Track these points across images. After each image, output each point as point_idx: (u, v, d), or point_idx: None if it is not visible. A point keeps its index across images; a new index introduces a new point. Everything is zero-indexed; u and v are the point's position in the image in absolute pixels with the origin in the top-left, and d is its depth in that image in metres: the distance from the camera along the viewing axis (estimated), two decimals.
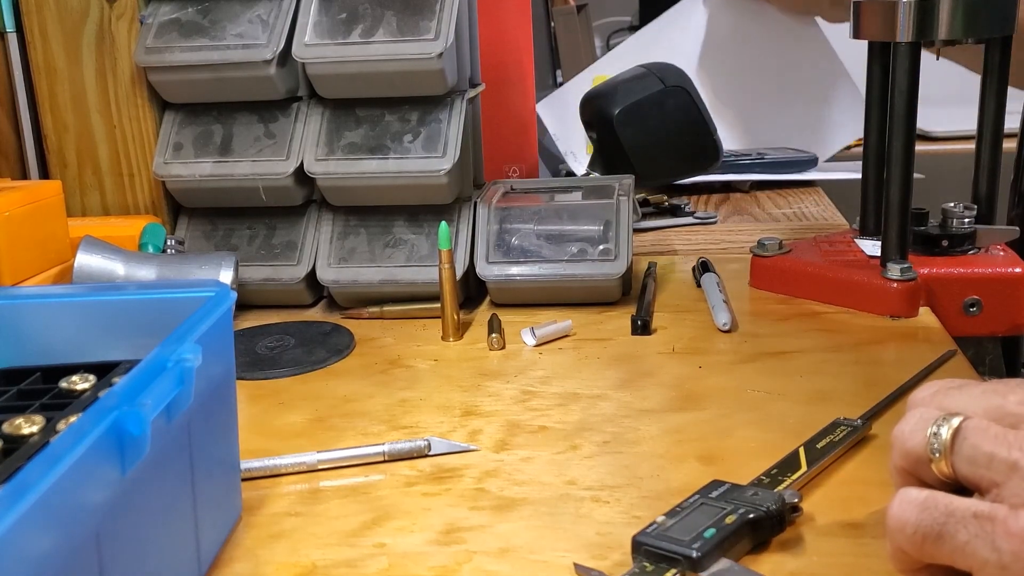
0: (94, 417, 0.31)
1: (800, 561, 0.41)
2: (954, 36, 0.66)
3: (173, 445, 0.38)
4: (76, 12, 0.76)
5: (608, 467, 0.50)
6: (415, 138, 0.73)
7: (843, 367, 0.61)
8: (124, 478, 0.32)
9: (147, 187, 0.79)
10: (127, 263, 0.66)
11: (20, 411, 0.38)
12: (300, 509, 0.47)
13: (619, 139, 0.98)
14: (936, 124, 1.46)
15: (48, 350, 0.44)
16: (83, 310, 0.45)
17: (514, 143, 0.99)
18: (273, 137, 0.76)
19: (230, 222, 0.78)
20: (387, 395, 0.60)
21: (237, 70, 0.73)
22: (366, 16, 0.73)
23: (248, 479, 0.49)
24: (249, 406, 0.59)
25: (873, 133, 0.76)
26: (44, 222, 0.65)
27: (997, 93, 0.72)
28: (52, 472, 0.27)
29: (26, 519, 0.26)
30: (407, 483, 0.49)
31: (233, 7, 0.76)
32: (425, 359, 0.66)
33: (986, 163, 0.73)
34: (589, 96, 1.04)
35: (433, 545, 0.43)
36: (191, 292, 0.43)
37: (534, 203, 0.78)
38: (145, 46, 0.75)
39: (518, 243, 0.74)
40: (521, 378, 0.62)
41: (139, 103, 0.77)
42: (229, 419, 0.45)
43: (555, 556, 0.42)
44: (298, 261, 0.75)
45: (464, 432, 0.54)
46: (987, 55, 0.72)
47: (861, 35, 0.71)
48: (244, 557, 0.43)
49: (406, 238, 0.75)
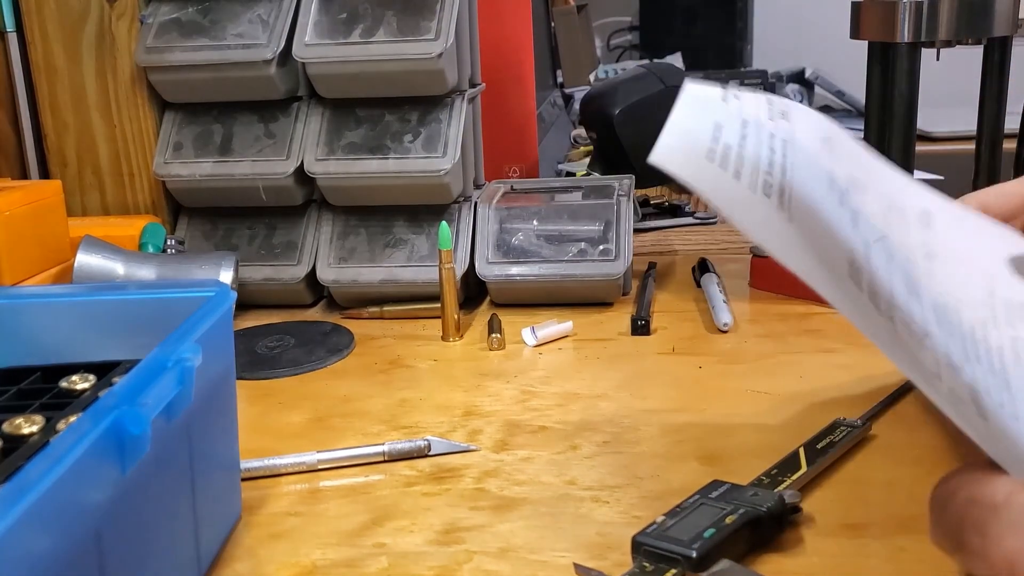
0: (94, 417, 0.30)
1: (800, 561, 0.40)
2: (954, 37, 0.66)
3: (173, 445, 0.38)
4: (76, 12, 0.76)
5: (608, 467, 0.50)
6: (415, 138, 0.73)
7: (843, 367, 0.61)
8: (124, 478, 0.32)
9: (147, 187, 0.79)
10: (127, 263, 0.66)
11: (20, 411, 0.38)
12: (300, 509, 0.47)
13: (619, 139, 0.98)
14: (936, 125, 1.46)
15: (48, 350, 0.44)
16: (83, 310, 0.44)
17: (514, 143, 0.99)
18: (273, 137, 0.76)
19: (230, 222, 0.78)
20: (387, 395, 0.60)
21: (237, 70, 0.73)
22: (366, 16, 0.73)
23: (248, 479, 0.49)
24: (249, 406, 0.59)
25: (873, 134, 0.76)
26: (44, 222, 0.65)
27: (997, 94, 0.72)
28: (52, 472, 0.27)
29: (26, 519, 0.26)
30: (407, 483, 0.49)
31: (233, 7, 0.76)
32: (425, 359, 0.66)
33: (986, 164, 0.73)
34: (589, 96, 1.04)
35: (433, 545, 0.43)
36: (191, 292, 0.43)
37: (534, 203, 0.78)
38: (145, 46, 0.75)
39: (518, 243, 0.74)
40: (521, 378, 0.62)
41: (139, 103, 0.77)
42: (229, 419, 0.45)
43: (555, 556, 0.42)
44: (298, 261, 0.75)
45: (464, 432, 0.54)
46: (987, 56, 0.72)
47: (861, 35, 0.71)
48: (244, 557, 0.43)
49: (406, 238, 0.75)
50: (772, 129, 0.37)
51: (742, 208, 0.33)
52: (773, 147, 0.35)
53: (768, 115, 0.38)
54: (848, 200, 0.37)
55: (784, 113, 0.39)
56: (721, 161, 0.33)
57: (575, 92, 1.53)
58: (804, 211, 0.34)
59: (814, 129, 0.40)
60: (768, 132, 0.36)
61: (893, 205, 0.41)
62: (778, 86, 1.83)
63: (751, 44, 2.02)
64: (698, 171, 0.33)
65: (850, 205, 0.36)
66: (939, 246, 0.41)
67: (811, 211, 0.34)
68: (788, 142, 0.36)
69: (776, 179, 0.34)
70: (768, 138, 0.36)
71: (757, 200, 0.33)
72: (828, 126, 0.42)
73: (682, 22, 2.00)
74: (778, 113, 0.39)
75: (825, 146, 0.39)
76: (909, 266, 0.36)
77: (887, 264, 0.35)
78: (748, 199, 0.33)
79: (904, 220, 0.41)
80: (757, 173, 0.34)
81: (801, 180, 0.35)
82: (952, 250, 0.41)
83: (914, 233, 0.41)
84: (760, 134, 0.36)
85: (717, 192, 0.33)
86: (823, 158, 0.38)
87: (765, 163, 0.34)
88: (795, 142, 0.37)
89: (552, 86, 1.43)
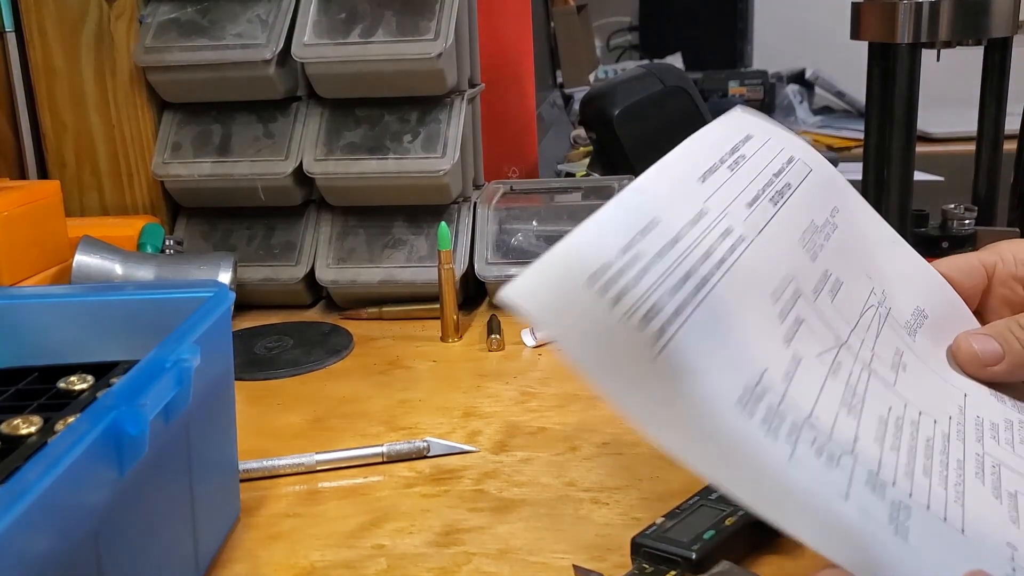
0: (92, 417, 0.30)
1: (799, 563, 0.40)
2: (954, 38, 0.66)
3: (171, 446, 0.38)
4: (75, 12, 0.76)
5: (607, 468, 0.49)
6: (414, 138, 0.73)
7: None
8: (122, 479, 0.32)
9: (146, 187, 0.78)
10: (125, 263, 0.66)
11: (18, 411, 0.38)
12: (299, 510, 0.47)
13: (619, 139, 0.98)
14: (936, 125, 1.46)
15: (46, 350, 0.43)
16: (81, 310, 0.44)
17: (514, 143, 0.99)
18: (272, 137, 0.75)
19: (229, 222, 0.78)
20: (386, 396, 0.60)
21: (236, 70, 0.73)
22: (365, 16, 0.73)
23: (247, 480, 0.49)
24: (248, 407, 0.59)
25: (873, 134, 0.75)
26: (42, 222, 0.65)
27: (997, 94, 0.72)
28: (50, 473, 0.27)
29: (24, 520, 0.26)
30: (406, 484, 0.49)
31: (232, 7, 0.75)
32: (424, 360, 0.66)
33: (986, 164, 0.73)
34: (589, 96, 1.04)
35: (432, 546, 0.43)
36: (190, 292, 0.43)
37: (534, 204, 0.78)
38: (144, 46, 0.75)
39: (518, 244, 0.74)
40: (520, 379, 0.61)
41: (138, 103, 0.77)
42: (228, 420, 0.45)
43: (554, 558, 0.42)
44: (297, 261, 0.75)
45: (463, 433, 0.54)
46: (987, 56, 0.72)
47: (861, 36, 0.71)
48: (242, 558, 0.43)
49: (405, 238, 0.75)
50: (729, 224, 0.35)
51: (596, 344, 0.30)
52: (711, 252, 0.34)
53: (751, 198, 0.38)
54: (799, 306, 0.36)
55: (781, 192, 0.39)
56: (606, 283, 0.30)
57: (575, 92, 1.53)
58: (704, 326, 0.31)
59: (808, 215, 0.40)
60: (720, 231, 0.35)
61: (880, 308, 0.41)
62: (778, 86, 1.83)
63: (751, 44, 2.02)
64: (554, 307, 0.30)
65: (798, 312, 0.36)
66: (914, 358, 0.41)
67: (723, 323, 0.32)
68: (744, 240, 0.35)
69: (677, 298, 0.31)
70: (710, 241, 0.34)
71: (620, 331, 0.30)
72: (827, 216, 0.42)
73: (682, 22, 2.00)
74: (775, 192, 0.39)
75: (805, 240, 0.39)
76: (862, 379, 0.37)
77: (830, 377, 0.35)
78: (610, 331, 0.30)
79: (890, 326, 0.41)
80: (655, 290, 0.31)
81: (732, 287, 0.33)
82: (929, 363, 0.42)
83: (893, 340, 0.41)
84: (708, 232, 0.34)
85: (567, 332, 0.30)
86: (787, 260, 0.37)
87: (678, 276, 0.32)
88: (758, 240, 0.36)
89: (552, 86, 1.43)
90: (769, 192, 0.39)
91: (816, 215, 0.41)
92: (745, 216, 0.36)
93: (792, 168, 0.41)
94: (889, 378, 0.38)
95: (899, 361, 0.40)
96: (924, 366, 0.41)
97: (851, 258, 0.42)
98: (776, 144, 0.41)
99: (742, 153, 0.39)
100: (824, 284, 0.39)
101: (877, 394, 0.37)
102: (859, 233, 0.43)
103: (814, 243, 0.40)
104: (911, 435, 0.36)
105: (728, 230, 0.35)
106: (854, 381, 0.36)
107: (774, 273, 0.36)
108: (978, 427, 0.39)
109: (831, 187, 0.43)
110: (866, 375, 0.37)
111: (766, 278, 0.36)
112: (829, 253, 0.40)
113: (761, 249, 0.36)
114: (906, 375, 0.40)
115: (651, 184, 0.34)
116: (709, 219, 0.35)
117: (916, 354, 0.41)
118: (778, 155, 0.41)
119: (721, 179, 0.37)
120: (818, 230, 0.40)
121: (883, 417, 0.36)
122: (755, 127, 0.41)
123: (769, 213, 0.38)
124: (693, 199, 0.35)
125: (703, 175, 0.37)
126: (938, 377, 0.42)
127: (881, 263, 0.43)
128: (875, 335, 0.40)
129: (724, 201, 0.36)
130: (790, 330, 0.35)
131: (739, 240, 0.35)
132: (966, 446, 0.37)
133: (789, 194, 0.39)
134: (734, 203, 0.36)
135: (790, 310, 0.36)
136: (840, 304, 0.39)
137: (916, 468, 0.34)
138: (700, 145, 0.38)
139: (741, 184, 0.38)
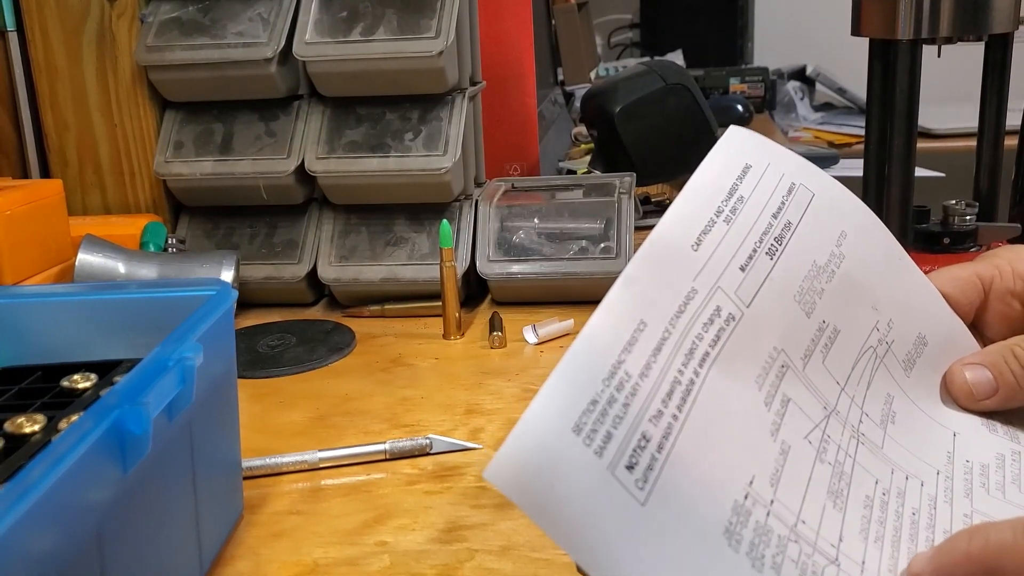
0: (95, 416, 0.31)
1: None
2: (955, 34, 0.66)
3: (174, 444, 0.38)
4: (77, 11, 0.76)
5: None
6: (416, 136, 0.73)
7: None
8: (125, 477, 0.32)
9: (148, 186, 0.79)
10: (128, 262, 0.66)
11: (21, 410, 0.38)
12: (301, 507, 0.47)
13: (620, 137, 0.98)
14: (937, 121, 1.46)
15: (49, 349, 0.44)
16: (84, 309, 0.44)
17: (515, 141, 0.99)
18: (274, 135, 0.76)
19: (231, 221, 0.78)
20: (388, 393, 0.60)
21: (238, 68, 0.73)
22: (367, 14, 0.73)
23: (249, 477, 0.49)
24: (250, 405, 0.59)
25: (874, 131, 0.75)
26: (45, 221, 0.65)
27: (998, 90, 0.72)
28: (53, 471, 0.27)
29: (28, 518, 0.26)
30: (409, 481, 0.49)
31: (234, 6, 0.76)
32: (426, 357, 0.66)
33: (987, 161, 0.73)
34: (590, 94, 1.04)
35: (435, 543, 0.43)
36: (192, 291, 0.43)
37: (535, 201, 0.78)
38: (146, 45, 0.75)
39: (519, 241, 0.74)
40: (523, 376, 0.62)
41: (140, 102, 0.77)
42: (230, 418, 0.45)
43: (557, 554, 0.42)
44: (299, 259, 0.75)
45: (466, 430, 0.54)
46: (988, 52, 0.72)
47: (862, 32, 0.71)
48: (246, 555, 0.43)
49: (407, 236, 0.75)
50: (719, 304, 0.34)
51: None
52: (694, 350, 0.33)
53: (747, 257, 0.36)
54: (786, 383, 0.36)
55: (780, 239, 0.38)
56: (589, 433, 0.30)
57: (576, 90, 1.53)
58: (690, 446, 0.30)
59: (810, 257, 0.39)
60: (707, 315, 0.34)
61: (878, 349, 0.40)
62: (779, 83, 1.83)
63: (752, 41, 2.02)
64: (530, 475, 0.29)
65: (784, 391, 0.35)
66: (905, 403, 0.40)
67: (708, 437, 0.31)
68: (732, 320, 0.35)
69: (662, 425, 0.30)
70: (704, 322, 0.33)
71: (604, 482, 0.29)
72: (832, 247, 0.40)
73: (683, 19, 2.00)
74: (773, 240, 0.38)
75: (803, 291, 0.38)
76: (850, 452, 0.36)
77: (818, 462, 0.34)
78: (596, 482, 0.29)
79: (885, 367, 0.41)
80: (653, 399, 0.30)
81: (713, 394, 0.32)
82: (920, 403, 0.41)
83: (884, 387, 0.40)
84: (694, 322, 0.33)
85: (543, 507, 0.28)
86: (779, 327, 0.36)
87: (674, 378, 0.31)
88: (748, 314, 0.35)
89: (553, 84, 1.43)
90: (767, 242, 0.37)
91: (818, 254, 0.39)
92: (737, 285, 0.35)
93: (793, 199, 0.39)
94: (877, 439, 0.38)
95: (888, 412, 0.39)
96: (915, 409, 0.41)
97: (856, 293, 0.40)
98: (775, 172, 0.39)
99: (740, 195, 0.37)
100: (818, 342, 0.38)
101: (865, 466, 0.36)
102: (867, 259, 0.42)
103: (813, 290, 0.38)
104: (896, 512, 0.35)
105: (717, 311, 0.34)
106: (842, 459, 0.35)
107: (761, 351, 0.35)
108: (967, 476, 0.38)
109: (836, 210, 0.41)
110: (854, 444, 0.36)
111: (751, 362, 0.35)
112: (829, 297, 0.39)
113: (749, 326, 0.35)
114: (895, 427, 0.39)
115: (639, 271, 0.33)
116: (697, 302, 0.34)
117: (909, 396, 0.40)
118: (778, 186, 0.39)
119: (716, 239, 0.36)
120: (820, 272, 0.39)
121: (869, 497, 0.35)
122: (753, 153, 0.39)
123: (765, 271, 0.37)
124: (683, 278, 0.34)
125: (697, 240, 0.35)
126: (928, 419, 0.40)
127: (890, 288, 0.42)
128: (866, 386, 0.39)
129: (716, 270, 0.35)
130: (776, 417, 0.34)
131: (728, 320, 0.34)
132: (953, 509, 0.36)
133: (789, 236, 0.38)
134: (727, 270, 0.35)
135: (775, 393, 0.35)
136: (833, 360, 0.38)
137: (900, 557, 0.34)
138: (697, 194, 0.37)
139: (738, 239, 0.36)
